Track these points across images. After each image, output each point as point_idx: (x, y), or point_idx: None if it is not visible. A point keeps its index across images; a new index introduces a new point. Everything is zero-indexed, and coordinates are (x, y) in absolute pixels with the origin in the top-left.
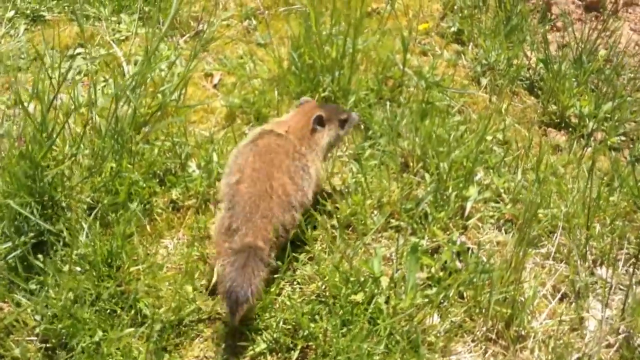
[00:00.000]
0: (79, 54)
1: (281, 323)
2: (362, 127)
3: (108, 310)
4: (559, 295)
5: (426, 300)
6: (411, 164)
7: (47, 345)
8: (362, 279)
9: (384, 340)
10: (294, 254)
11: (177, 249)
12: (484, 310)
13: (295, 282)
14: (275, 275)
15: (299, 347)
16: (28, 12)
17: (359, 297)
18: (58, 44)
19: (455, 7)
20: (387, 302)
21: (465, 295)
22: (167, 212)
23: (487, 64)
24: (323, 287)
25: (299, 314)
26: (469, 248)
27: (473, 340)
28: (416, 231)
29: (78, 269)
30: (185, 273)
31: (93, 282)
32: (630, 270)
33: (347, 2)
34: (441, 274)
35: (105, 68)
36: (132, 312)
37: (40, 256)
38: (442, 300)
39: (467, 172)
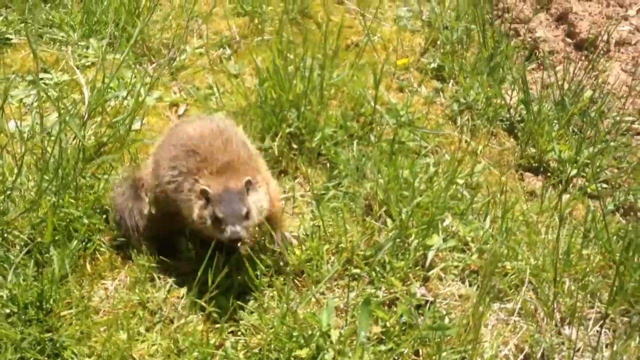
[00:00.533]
0: (41, 79)
1: None
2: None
3: (31, 359)
4: (521, 356)
5: (376, 357)
6: (375, 208)
7: None
8: (309, 332)
9: None
10: (239, 302)
11: (117, 292)
12: None
13: (239, 333)
14: (217, 325)
15: None
16: None
17: (304, 353)
18: (20, 69)
19: (438, 42)
20: (334, 358)
21: (420, 352)
22: (111, 251)
23: (465, 103)
24: (268, 339)
25: None
26: (427, 301)
27: None
28: (374, 281)
29: (7, 311)
30: (120, 318)
31: (18, 326)
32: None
33: (324, 33)
34: (397, 328)
35: (69, 94)
36: None
37: None
38: (395, 358)
39: (431, 219)
